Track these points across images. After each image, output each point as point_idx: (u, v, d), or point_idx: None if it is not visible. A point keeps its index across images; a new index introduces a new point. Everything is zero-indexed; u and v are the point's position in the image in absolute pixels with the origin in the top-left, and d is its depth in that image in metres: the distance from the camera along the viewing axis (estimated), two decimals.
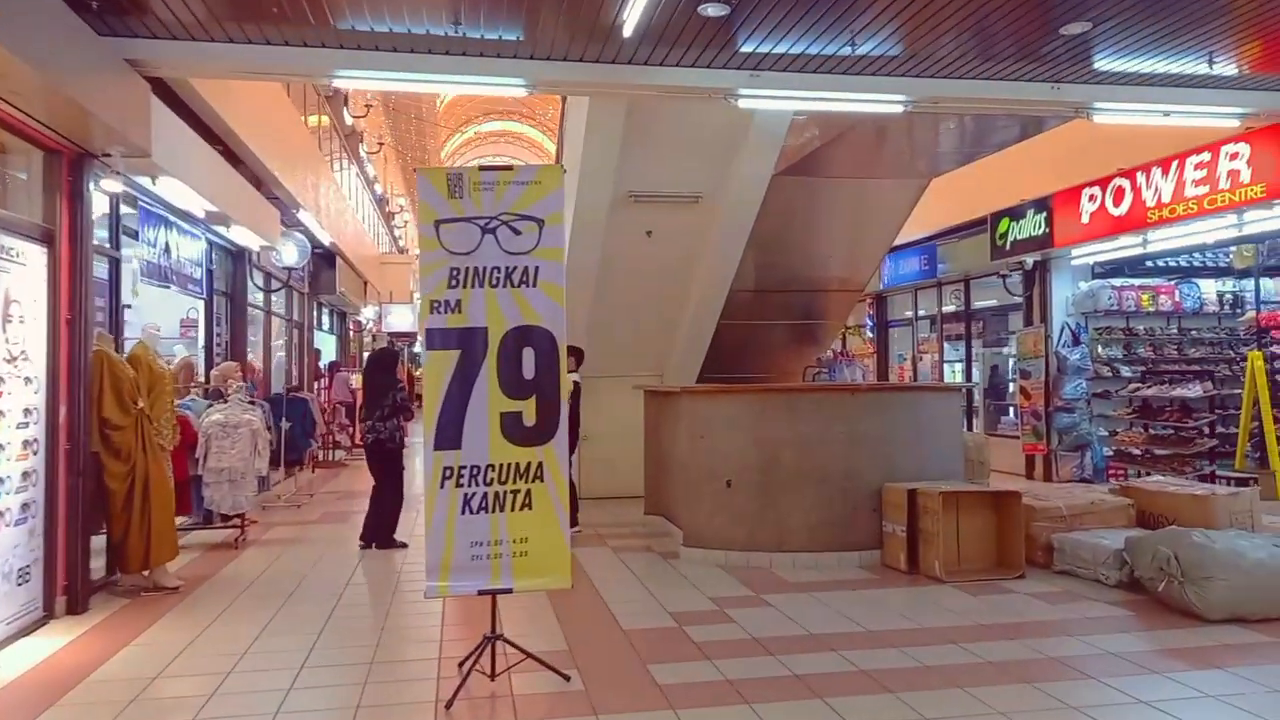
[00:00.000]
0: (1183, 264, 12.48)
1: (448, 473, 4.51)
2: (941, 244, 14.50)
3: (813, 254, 12.09)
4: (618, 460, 10.64)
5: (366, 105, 21.37)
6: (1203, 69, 6.97)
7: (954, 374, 15.35)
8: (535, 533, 4.56)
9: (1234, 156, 8.60)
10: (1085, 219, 10.75)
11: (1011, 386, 13.47)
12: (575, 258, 9.72)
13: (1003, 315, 14.34)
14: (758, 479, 7.33)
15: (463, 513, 4.51)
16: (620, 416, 10.54)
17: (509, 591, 4.57)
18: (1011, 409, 13.60)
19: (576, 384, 8.80)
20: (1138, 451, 11.10)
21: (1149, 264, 12.42)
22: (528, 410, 4.57)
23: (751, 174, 8.92)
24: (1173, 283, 12.83)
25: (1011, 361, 13.34)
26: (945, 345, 15.68)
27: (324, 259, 15.95)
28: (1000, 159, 12.86)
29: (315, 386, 15.53)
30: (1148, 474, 10.64)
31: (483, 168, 4.74)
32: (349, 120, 20.88)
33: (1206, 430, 10.28)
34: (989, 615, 5.72)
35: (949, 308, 15.37)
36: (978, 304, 14.73)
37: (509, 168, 4.77)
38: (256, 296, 12.32)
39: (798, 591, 6.39)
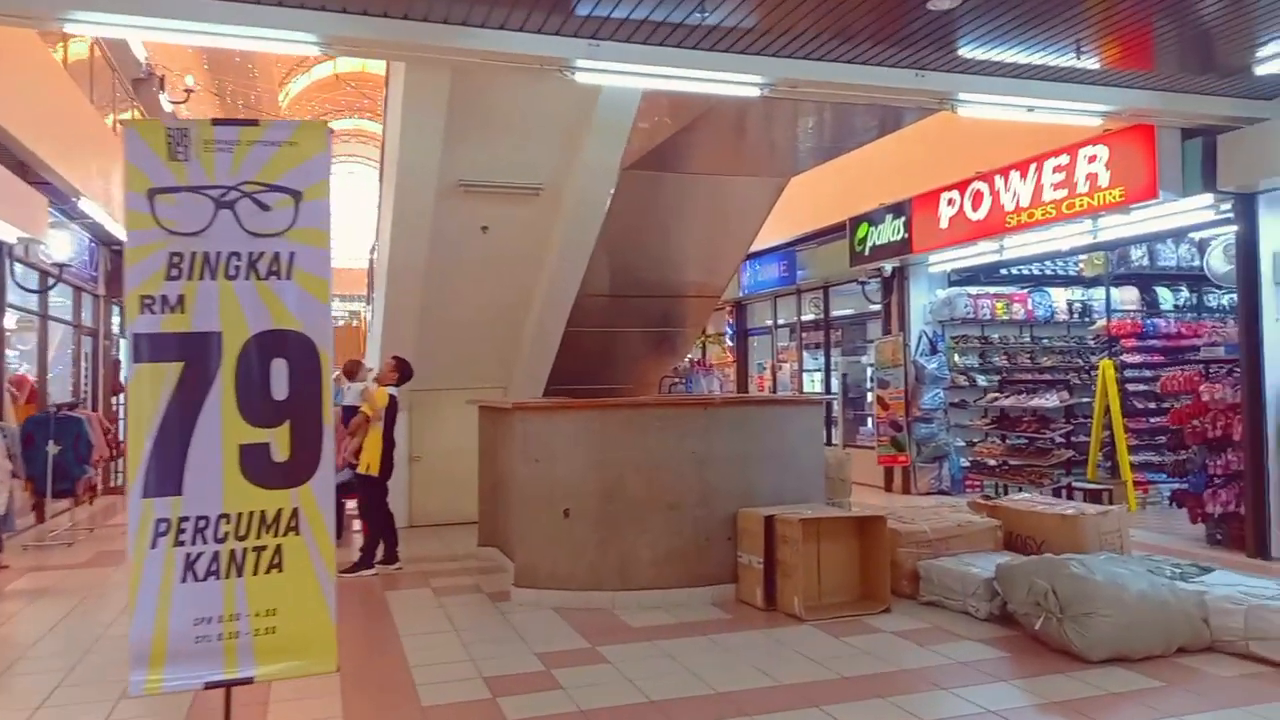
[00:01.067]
0: (1035, 272, 12.43)
1: (162, 527, 3.37)
2: (801, 250, 14.08)
3: (669, 257, 11.35)
4: (454, 482, 9.54)
5: (186, 91, 19.28)
6: (1068, 62, 6.55)
7: (813, 384, 14.97)
8: (287, 602, 3.48)
9: (1092, 159, 8.35)
10: (944, 224, 10.43)
11: (869, 396, 13.12)
12: (398, 256, 8.59)
13: (862, 323, 14.04)
14: (600, 507, 6.42)
15: (183, 580, 3.38)
16: (457, 434, 9.46)
17: (248, 682, 3.46)
18: (870, 419, 13.26)
19: (393, 398, 7.67)
20: (994, 463, 10.85)
21: (1003, 272, 12.30)
22: (278, 441, 3.49)
23: (598, 164, 8.04)
24: (1026, 291, 12.79)
25: (870, 371, 13.00)
26: (805, 354, 15.30)
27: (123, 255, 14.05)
28: (860, 162, 12.50)
29: (114, 402, 13.63)
30: (1005, 487, 10.38)
31: (217, 121, 3.63)
32: (167, 108, 18.79)
33: (1062, 440, 10.10)
34: (853, 664, 4.99)
35: (809, 315, 14.99)
36: (837, 312, 14.39)
37: (254, 122, 3.67)
38: (28, 299, 10.52)
39: (640, 639, 5.51)
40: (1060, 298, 12.81)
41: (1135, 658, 4.86)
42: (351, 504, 8.49)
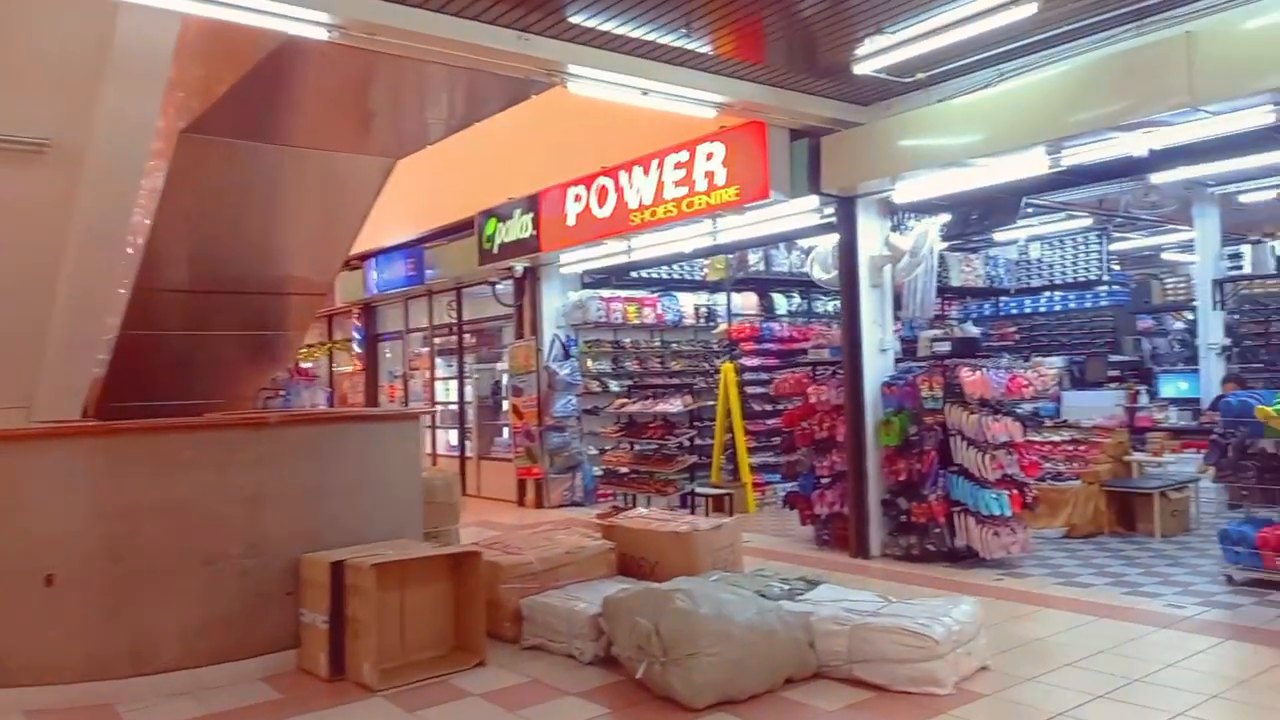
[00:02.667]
0: (664, 276, 12.35)
1: None
2: (429, 247, 12.89)
3: (265, 246, 9.60)
4: None
5: None
6: (680, 42, 6.08)
7: (448, 393, 13.86)
8: None
9: (710, 156, 8.12)
10: (571, 221, 9.82)
11: (505, 405, 12.28)
12: None
13: (499, 328, 13.17)
14: (104, 569, 4.77)
15: None
16: None
17: None
18: (505, 429, 12.41)
19: None
20: (625, 471, 10.47)
21: (634, 275, 12.06)
22: None
23: (125, 115, 6.26)
24: (656, 295, 12.69)
25: (505, 378, 12.16)
26: (438, 361, 14.14)
27: None
28: (491, 153, 11.61)
29: None
30: (633, 497, 10.01)
31: None
32: None
33: (688, 445, 9.92)
34: None
35: (442, 319, 13.85)
36: (473, 315, 13.40)
37: None
38: None
39: None
40: (688, 302, 12.88)
41: (742, 699, 4.30)
42: None
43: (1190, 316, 14.96)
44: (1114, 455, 8.64)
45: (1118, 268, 14.66)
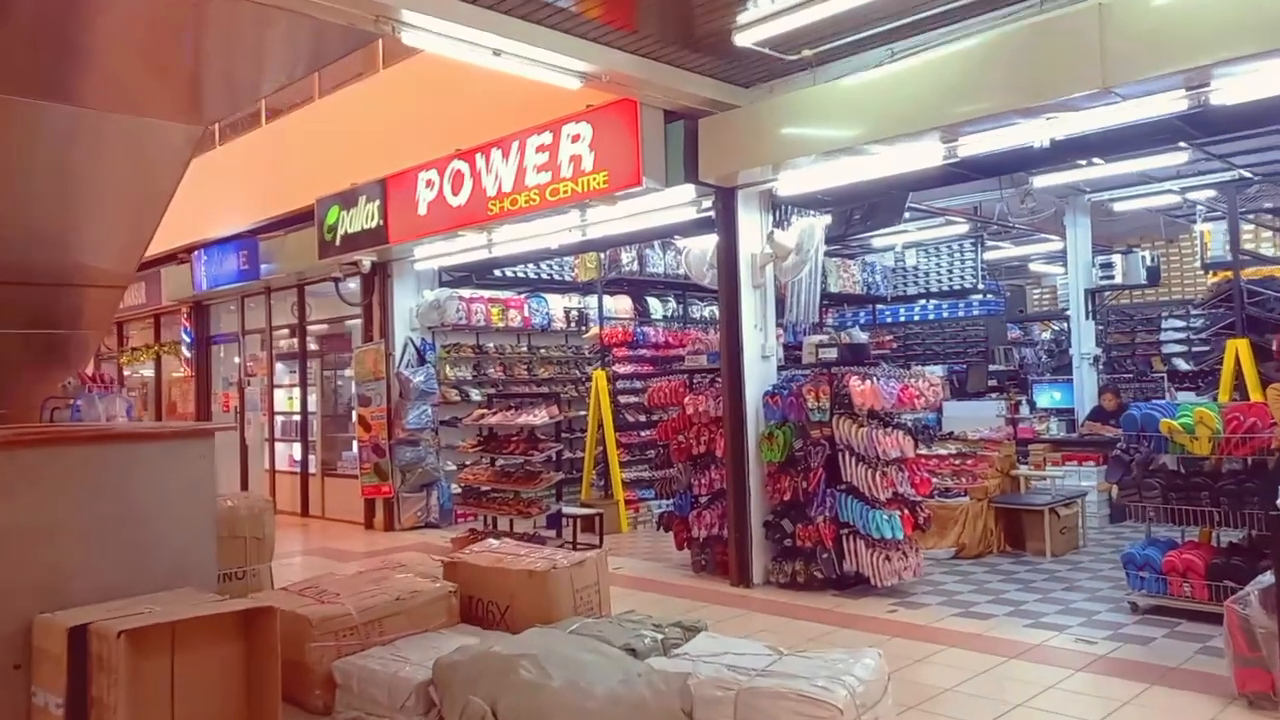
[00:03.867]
0: (531, 275, 11.39)
1: None
2: (266, 238, 11.50)
3: (50, 227, 8.09)
4: None
5: None
6: None
7: (291, 402, 12.45)
8: None
9: (575, 139, 7.24)
10: (423, 209, 8.75)
11: (354, 416, 11.02)
12: None
13: (349, 330, 11.88)
14: None
15: None
16: None
17: None
18: (354, 443, 11.15)
19: None
20: (486, 489, 9.42)
21: (498, 273, 11.05)
22: None
23: None
24: (523, 296, 11.72)
25: (352, 385, 10.92)
26: (279, 366, 12.70)
27: None
28: (332, 133, 10.39)
29: None
30: (494, 519, 8.98)
31: None
32: None
33: (555, 460, 8.96)
34: None
35: (282, 320, 12.44)
36: (319, 315, 12.06)
37: None
38: None
39: None
40: (558, 304, 11.97)
41: None
42: None
43: (1056, 326, 15.15)
44: (1002, 469, 8.24)
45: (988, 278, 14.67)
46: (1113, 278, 11.17)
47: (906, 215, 9.16)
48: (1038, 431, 9.68)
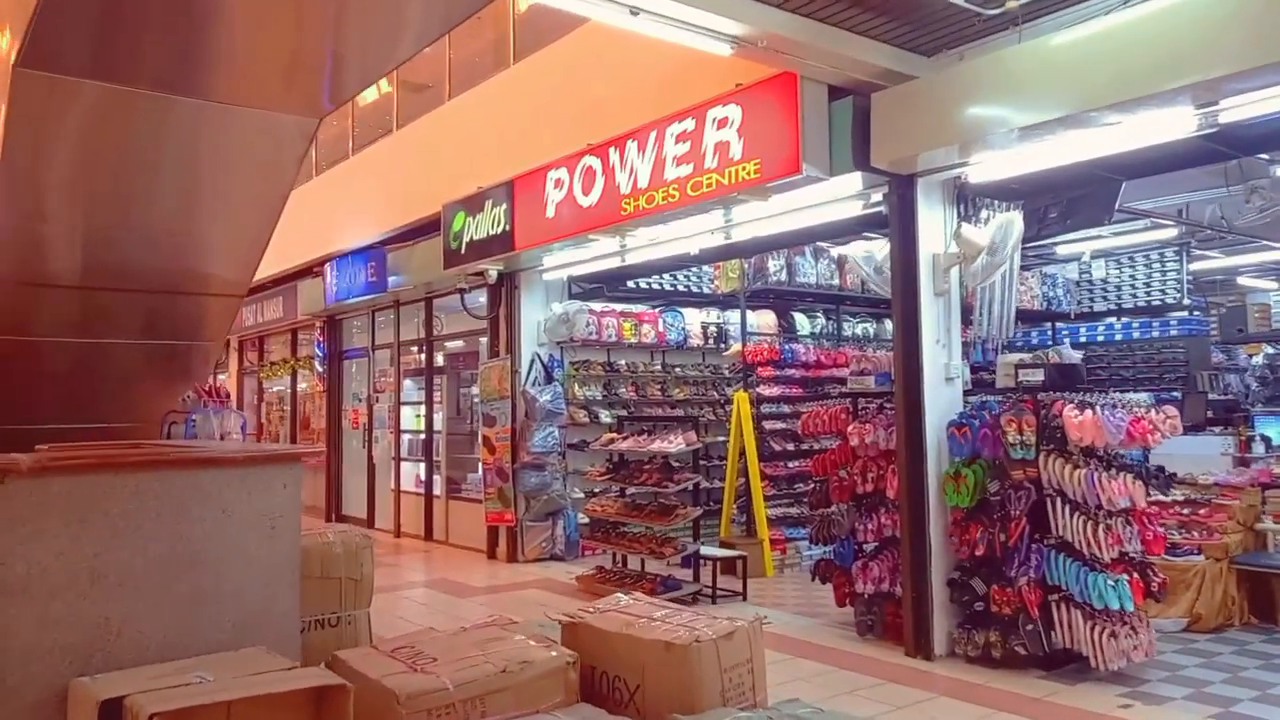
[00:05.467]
0: (666, 287, 10.47)
1: None
2: (394, 249, 11.06)
3: (167, 229, 7.76)
4: None
5: None
6: None
7: (418, 419, 11.96)
8: None
9: (723, 123, 6.27)
10: (551, 212, 7.98)
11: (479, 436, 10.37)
12: None
13: (476, 345, 11.30)
14: None
15: None
16: None
17: None
18: (480, 466, 10.48)
19: None
20: (615, 523, 8.51)
21: (630, 284, 10.19)
22: None
23: None
24: (657, 309, 10.83)
25: (476, 403, 10.28)
26: (407, 383, 12.26)
27: None
28: (459, 135, 9.82)
29: None
30: (624, 557, 8.05)
31: None
32: None
33: (692, 492, 7.95)
34: None
35: (410, 335, 12.00)
36: (446, 329, 11.54)
37: None
38: None
39: None
40: (695, 319, 11.01)
41: None
42: None
43: (1272, 349, 13.04)
44: (1245, 522, 6.67)
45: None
46: None
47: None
48: (1276, 475, 7.95)
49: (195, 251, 7.93)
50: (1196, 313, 11.72)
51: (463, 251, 9.18)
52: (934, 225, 5.99)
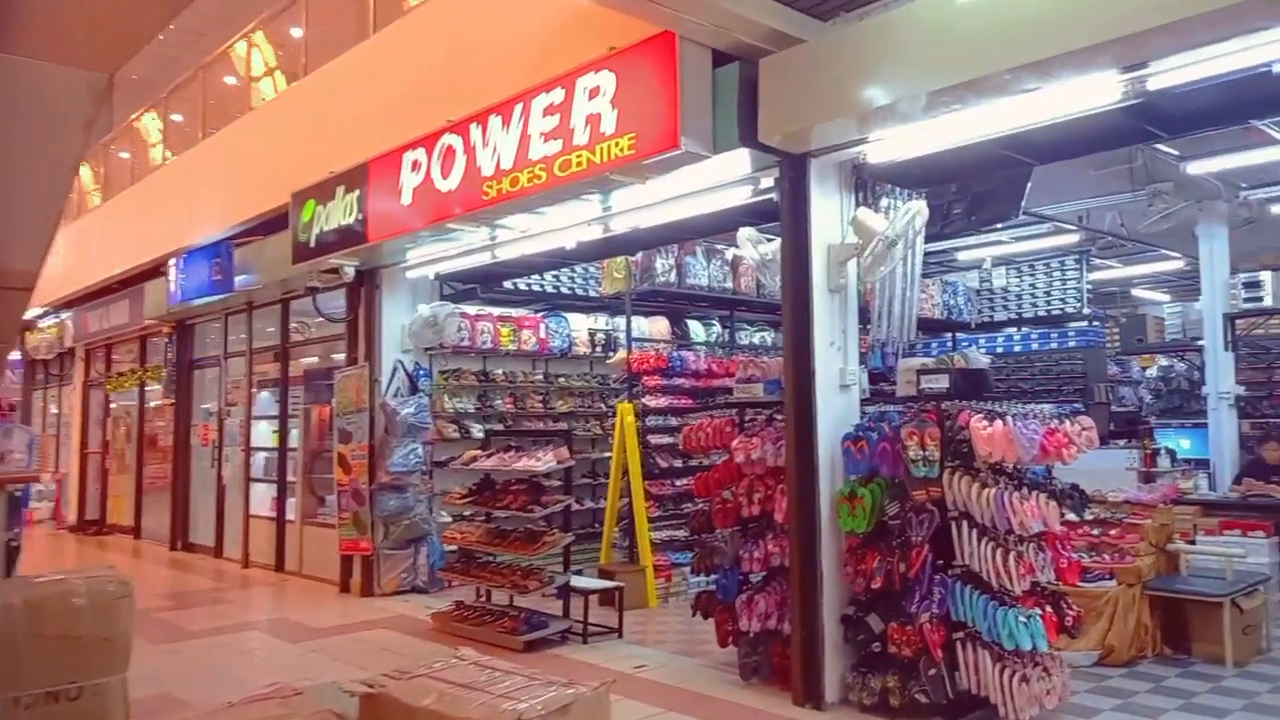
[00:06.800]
0: (549, 289, 9.59)
1: None
2: (241, 244, 9.89)
3: None
4: None
5: None
6: None
7: (274, 436, 10.73)
8: None
9: (594, 93, 5.47)
10: (407, 198, 7.02)
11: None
12: None
13: (337, 351, 10.19)
14: None
15: None
16: None
17: None
18: (335, 487, 9.35)
19: None
20: (477, 552, 7.54)
21: (510, 286, 9.28)
22: None
23: None
24: (540, 314, 9.96)
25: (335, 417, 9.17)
26: (264, 394, 11.02)
27: None
28: (316, 118, 8.77)
29: None
30: (487, 592, 7.09)
31: None
32: None
33: (564, 515, 7.06)
34: None
35: (263, 341, 10.80)
36: (304, 335, 10.39)
37: None
38: None
39: None
40: (581, 325, 10.19)
41: None
42: None
43: (1165, 362, 12.97)
44: (1157, 543, 6.18)
45: None
46: (1260, 299, 9.06)
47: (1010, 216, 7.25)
48: (1183, 490, 7.58)
49: None
50: (1095, 323, 11.49)
51: (312, 244, 8.11)
52: (830, 213, 5.30)
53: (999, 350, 12.31)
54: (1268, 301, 9.03)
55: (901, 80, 4.45)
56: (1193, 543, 6.81)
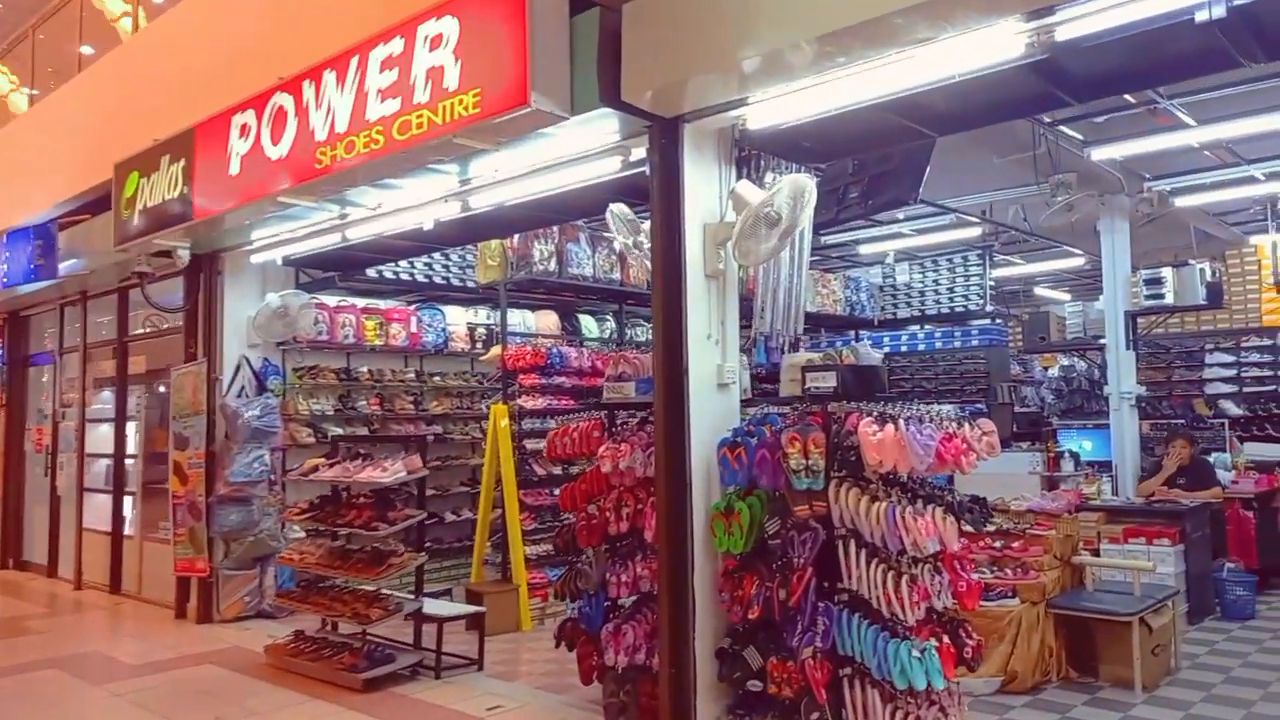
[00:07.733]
0: (421, 278, 8.69)
1: None
2: (67, 224, 8.74)
3: None
4: None
5: None
6: None
7: (111, 442, 9.57)
8: None
9: (436, 43, 4.69)
10: (235, 168, 6.10)
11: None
12: None
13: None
14: None
15: None
16: None
17: None
18: (171, 499, 8.28)
19: None
20: (320, 575, 6.65)
21: (374, 274, 8.37)
22: None
23: None
24: (412, 306, 9.08)
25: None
26: (104, 393, 9.84)
27: None
28: (148, 79, 7.75)
29: None
30: (333, 623, 6.22)
31: None
32: None
33: (416, 532, 6.23)
34: None
35: (101, 334, 9.64)
36: (145, 328, 9.27)
37: None
38: None
39: None
40: (459, 318, 9.35)
41: None
42: None
43: (1066, 361, 12.83)
44: (1062, 556, 5.71)
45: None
46: (1162, 297, 8.81)
47: (908, 202, 6.75)
48: (1086, 496, 7.21)
49: None
50: (998, 321, 11.21)
51: (134, 222, 7.09)
52: (707, 187, 4.64)
53: (903, 349, 11.98)
54: (1169, 299, 8.78)
55: (783, 27, 3.80)
56: (1098, 553, 6.43)
